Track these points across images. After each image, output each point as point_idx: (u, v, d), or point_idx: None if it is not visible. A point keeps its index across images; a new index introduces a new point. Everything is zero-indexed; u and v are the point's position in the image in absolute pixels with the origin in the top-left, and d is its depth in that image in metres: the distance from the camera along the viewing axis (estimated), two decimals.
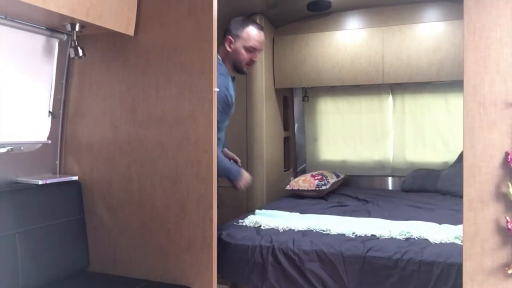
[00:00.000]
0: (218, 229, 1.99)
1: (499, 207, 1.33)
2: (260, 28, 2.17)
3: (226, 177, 2.13)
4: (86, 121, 1.95)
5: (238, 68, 2.17)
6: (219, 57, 2.10)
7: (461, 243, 1.42)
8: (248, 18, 2.19)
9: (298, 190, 3.22)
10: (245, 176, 2.21)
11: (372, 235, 2.01)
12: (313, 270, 1.91)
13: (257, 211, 2.58)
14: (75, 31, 1.69)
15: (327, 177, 3.32)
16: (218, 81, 1.86)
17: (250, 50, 2.13)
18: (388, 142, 3.81)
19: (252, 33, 2.12)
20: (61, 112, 1.97)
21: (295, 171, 4.04)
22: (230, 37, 2.12)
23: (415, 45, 3.26)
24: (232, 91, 2.14)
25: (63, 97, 1.97)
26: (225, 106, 2.05)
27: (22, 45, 1.72)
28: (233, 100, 2.15)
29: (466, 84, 1.37)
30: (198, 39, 1.73)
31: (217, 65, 1.95)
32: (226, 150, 2.39)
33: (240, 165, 2.36)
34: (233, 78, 2.20)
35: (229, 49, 2.12)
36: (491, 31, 1.35)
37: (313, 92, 3.99)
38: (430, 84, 3.47)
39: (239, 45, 2.12)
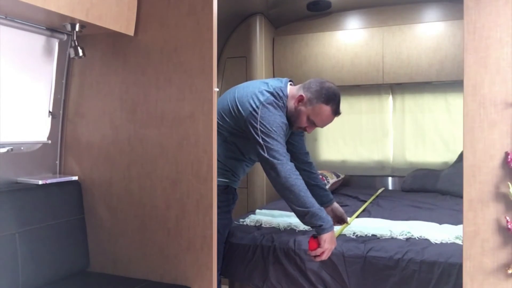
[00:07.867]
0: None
1: (499, 207, 1.33)
2: (337, 113, 1.94)
3: (310, 223, 1.79)
4: (86, 121, 1.95)
5: (290, 123, 1.93)
6: (287, 92, 1.93)
7: (462, 243, 1.41)
8: (336, 94, 1.91)
9: None
10: (334, 239, 1.82)
11: (372, 235, 2.01)
12: (314, 270, 1.91)
13: (257, 210, 2.58)
14: (75, 31, 1.69)
15: (327, 177, 3.32)
16: (278, 118, 1.81)
17: (311, 123, 1.93)
18: (388, 142, 3.82)
19: (325, 113, 1.90)
20: (61, 112, 1.97)
21: None
22: (305, 97, 1.89)
23: (415, 45, 3.26)
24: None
25: (63, 97, 1.97)
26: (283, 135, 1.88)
27: (22, 45, 1.72)
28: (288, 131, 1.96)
29: (466, 84, 1.37)
30: (198, 39, 1.72)
31: (277, 101, 1.85)
32: (336, 204, 2.20)
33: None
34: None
35: (294, 104, 1.91)
36: (491, 31, 1.35)
37: None
38: (430, 84, 3.48)
39: (305, 110, 1.90)
